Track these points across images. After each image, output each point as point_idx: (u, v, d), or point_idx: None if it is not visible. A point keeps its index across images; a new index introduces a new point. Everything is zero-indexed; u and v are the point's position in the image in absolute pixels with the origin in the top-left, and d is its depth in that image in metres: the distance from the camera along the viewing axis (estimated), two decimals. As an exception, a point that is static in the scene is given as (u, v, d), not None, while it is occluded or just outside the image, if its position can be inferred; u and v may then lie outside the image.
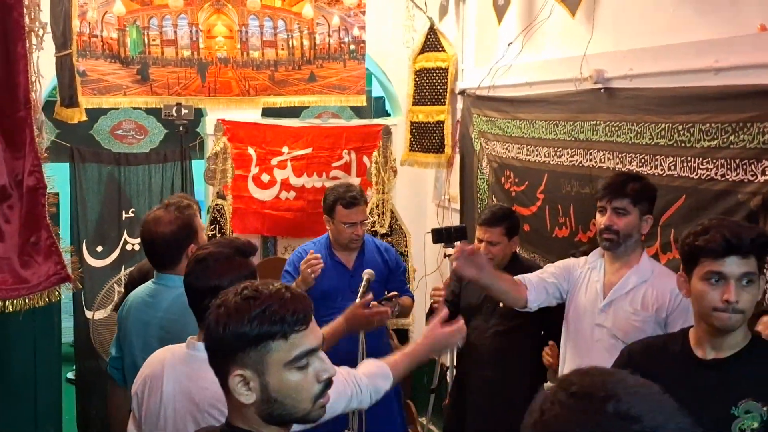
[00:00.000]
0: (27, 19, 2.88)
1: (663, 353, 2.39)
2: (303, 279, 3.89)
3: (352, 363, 3.49)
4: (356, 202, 4.04)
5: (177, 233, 3.00)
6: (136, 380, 2.46)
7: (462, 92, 5.44)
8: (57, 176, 3.25)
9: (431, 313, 4.14)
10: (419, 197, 6.32)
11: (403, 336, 6.07)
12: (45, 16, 3.49)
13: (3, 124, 2.91)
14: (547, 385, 3.88)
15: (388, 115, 6.82)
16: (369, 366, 2.49)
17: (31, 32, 2.91)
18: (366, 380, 2.41)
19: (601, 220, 3.10)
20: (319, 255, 3.95)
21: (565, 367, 3.29)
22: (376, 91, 7.19)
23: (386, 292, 4.02)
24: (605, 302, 3.11)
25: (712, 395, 2.21)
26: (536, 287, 3.28)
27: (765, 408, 2.15)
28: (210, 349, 1.68)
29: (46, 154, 3.06)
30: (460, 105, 5.50)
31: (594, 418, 1.04)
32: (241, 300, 1.61)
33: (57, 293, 3.09)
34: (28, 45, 2.90)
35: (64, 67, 4.83)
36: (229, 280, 2.22)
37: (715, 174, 2.96)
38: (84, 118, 5.12)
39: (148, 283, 3.11)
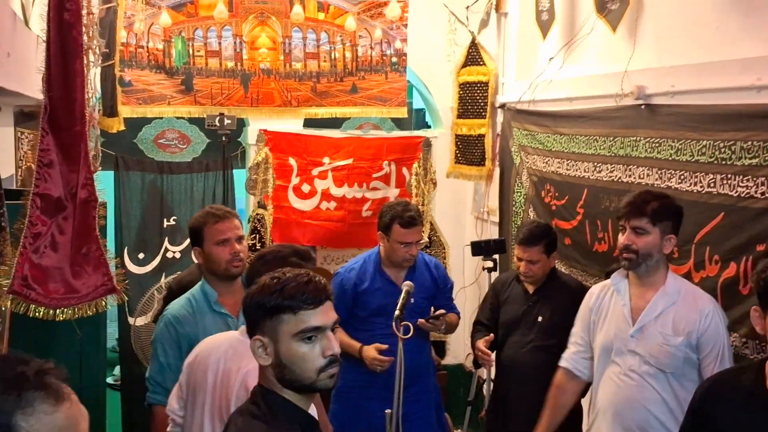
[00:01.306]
0: (85, 38, 2.98)
1: (732, 389, 2.22)
2: (368, 361, 3.93)
3: (390, 376, 3.57)
4: (414, 222, 3.94)
5: (191, 231, 3.28)
6: (191, 353, 2.77)
7: (502, 106, 5.46)
8: (102, 185, 3.34)
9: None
10: (458, 210, 6.34)
11: (441, 348, 6.08)
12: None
13: (61, 138, 3.01)
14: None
15: (429, 127, 6.86)
16: None
17: (89, 50, 3.00)
18: None
19: (621, 239, 3.00)
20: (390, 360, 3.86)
21: (599, 393, 3.15)
22: (417, 103, 7.22)
23: (433, 309, 4.00)
24: (635, 328, 2.98)
25: None
26: (580, 364, 3.30)
27: None
28: (245, 318, 1.97)
29: (99, 167, 3.16)
30: (500, 118, 5.52)
31: None
32: (269, 279, 1.90)
33: (104, 304, 3.18)
34: (85, 62, 3.00)
35: (107, 78, 4.95)
36: None
37: (755, 192, 2.95)
38: (122, 127, 5.23)
39: None
